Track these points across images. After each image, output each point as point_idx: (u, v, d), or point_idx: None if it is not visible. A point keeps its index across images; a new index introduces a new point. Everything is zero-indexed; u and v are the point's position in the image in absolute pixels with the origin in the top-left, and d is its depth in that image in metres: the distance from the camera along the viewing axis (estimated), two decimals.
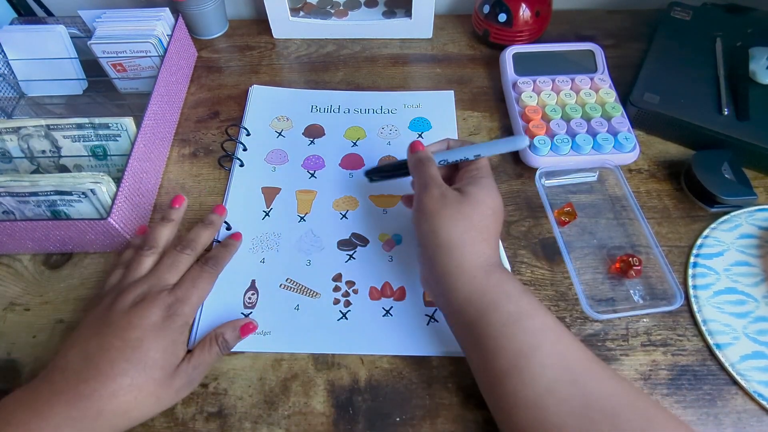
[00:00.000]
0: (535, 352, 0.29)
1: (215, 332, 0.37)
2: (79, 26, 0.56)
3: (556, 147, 0.47)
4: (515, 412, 0.29)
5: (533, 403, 0.28)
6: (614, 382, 0.29)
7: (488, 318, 0.31)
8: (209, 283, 0.38)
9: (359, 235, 0.45)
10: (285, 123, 0.53)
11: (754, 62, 0.49)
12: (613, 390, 0.29)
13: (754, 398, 0.35)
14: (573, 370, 0.29)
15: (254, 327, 0.38)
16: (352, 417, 0.36)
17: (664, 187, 0.47)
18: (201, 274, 0.37)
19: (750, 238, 0.43)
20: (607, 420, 0.28)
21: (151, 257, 0.37)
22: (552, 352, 0.30)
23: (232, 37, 0.63)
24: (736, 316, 0.39)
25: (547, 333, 0.30)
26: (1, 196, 0.40)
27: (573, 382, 0.29)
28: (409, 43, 0.61)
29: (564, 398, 0.28)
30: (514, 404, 0.29)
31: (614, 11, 0.64)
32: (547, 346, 0.30)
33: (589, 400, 0.28)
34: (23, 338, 0.40)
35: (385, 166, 0.44)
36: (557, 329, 0.31)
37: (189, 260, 0.38)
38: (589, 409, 0.28)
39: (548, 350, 0.30)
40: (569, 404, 0.28)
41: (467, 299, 0.32)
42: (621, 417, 0.28)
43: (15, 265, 0.44)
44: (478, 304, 0.32)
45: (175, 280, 0.36)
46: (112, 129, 0.45)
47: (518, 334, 0.30)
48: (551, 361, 0.29)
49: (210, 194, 0.48)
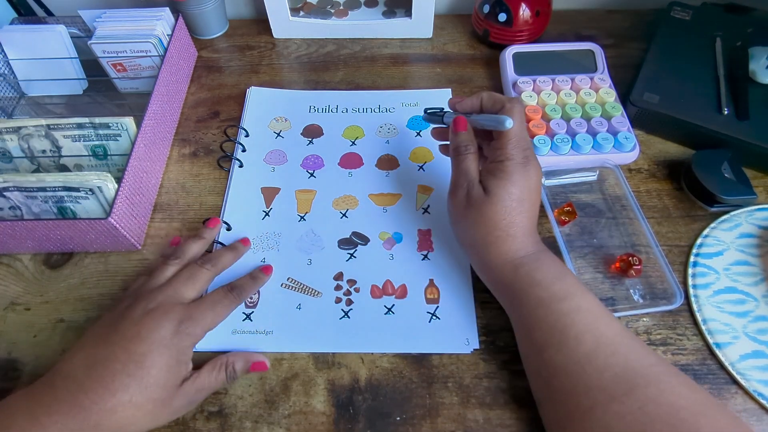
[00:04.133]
0: (569, 329, 0.31)
1: (227, 359, 0.36)
2: (79, 26, 0.56)
3: (556, 146, 0.47)
4: (556, 377, 0.31)
5: (573, 369, 0.30)
6: (656, 357, 0.30)
7: (519, 302, 0.34)
8: (228, 311, 0.37)
9: (360, 233, 0.45)
10: (283, 124, 0.53)
11: (753, 62, 0.49)
12: (656, 361, 0.30)
13: (753, 397, 0.35)
14: (612, 344, 0.30)
15: (266, 367, 0.37)
16: (353, 416, 0.36)
17: (664, 186, 0.47)
18: (222, 300, 0.37)
19: (750, 237, 0.43)
20: (652, 386, 0.28)
21: (174, 267, 0.37)
22: (586, 330, 0.31)
23: (232, 37, 0.63)
24: (736, 315, 0.39)
25: (580, 313, 0.32)
26: (9, 191, 0.40)
27: (612, 353, 0.30)
28: (409, 42, 0.61)
29: (603, 367, 0.29)
30: (554, 371, 0.31)
31: (614, 11, 0.64)
32: (581, 325, 0.31)
33: (631, 369, 0.29)
34: (23, 338, 0.40)
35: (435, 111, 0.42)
36: (594, 310, 0.32)
37: (207, 276, 0.38)
38: (633, 374, 0.29)
39: (582, 328, 0.31)
40: (610, 371, 0.29)
41: (499, 288, 0.36)
42: (668, 384, 0.28)
43: (15, 265, 0.44)
44: (509, 292, 0.35)
45: (192, 295, 0.36)
46: (113, 129, 0.45)
47: (550, 315, 0.32)
48: (586, 337, 0.31)
49: (210, 194, 0.48)
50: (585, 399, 0.29)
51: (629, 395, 0.28)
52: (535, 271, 0.34)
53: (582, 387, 0.29)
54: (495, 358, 0.38)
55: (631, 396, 0.28)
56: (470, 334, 0.39)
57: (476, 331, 0.39)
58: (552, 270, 0.34)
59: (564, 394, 0.30)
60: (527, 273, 0.34)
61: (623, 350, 0.30)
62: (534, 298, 0.33)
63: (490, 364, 0.38)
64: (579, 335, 0.31)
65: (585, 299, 0.33)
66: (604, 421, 0.28)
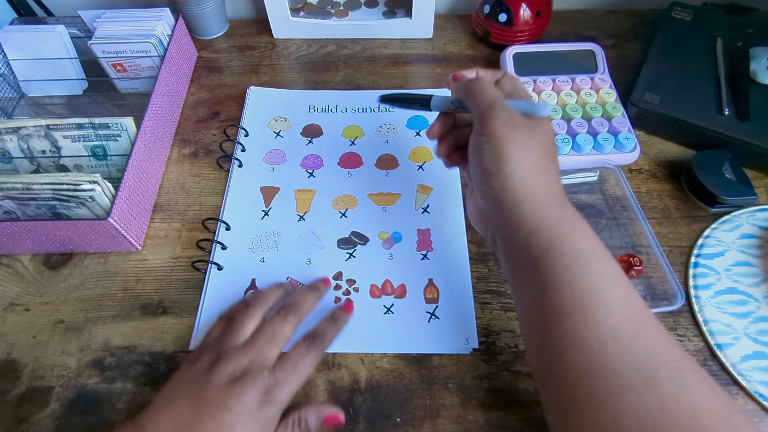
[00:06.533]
0: (602, 296, 0.27)
1: (299, 415, 0.33)
2: (79, 26, 0.56)
3: (557, 147, 0.47)
4: (570, 352, 0.27)
5: (593, 345, 0.26)
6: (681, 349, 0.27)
7: (557, 251, 0.29)
8: (312, 367, 0.34)
9: (359, 233, 0.45)
10: (283, 123, 0.53)
11: (754, 62, 0.49)
12: (681, 353, 0.27)
13: (755, 398, 0.35)
14: (639, 323, 0.27)
15: (341, 422, 0.34)
16: (353, 417, 0.36)
17: (664, 187, 0.47)
18: (306, 355, 0.34)
19: (751, 238, 0.43)
20: (675, 381, 0.25)
21: (256, 319, 0.35)
22: (619, 301, 0.27)
23: (232, 37, 0.63)
24: (737, 316, 0.39)
25: (617, 281, 0.28)
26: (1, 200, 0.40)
27: (638, 334, 0.26)
28: (409, 43, 0.61)
29: (626, 348, 0.26)
30: (570, 344, 0.27)
31: (614, 11, 0.64)
32: (615, 294, 0.28)
33: (655, 357, 0.26)
34: (23, 338, 0.40)
35: (402, 94, 0.40)
36: (627, 283, 0.29)
37: (291, 330, 0.35)
38: (656, 365, 0.25)
39: (616, 297, 0.27)
40: (631, 355, 0.26)
41: (538, 229, 0.30)
42: (692, 382, 0.25)
43: (15, 266, 0.44)
44: (549, 235, 0.29)
45: (276, 354, 0.34)
46: (112, 129, 0.45)
47: (587, 273, 0.28)
48: (618, 308, 0.27)
49: (210, 194, 0.48)
50: (600, 383, 0.26)
51: (648, 388, 0.25)
52: (578, 218, 0.30)
53: (598, 368, 0.26)
54: (495, 359, 0.37)
55: (650, 389, 0.25)
56: (469, 334, 0.39)
57: (475, 330, 0.39)
58: (589, 227, 0.30)
59: (576, 374, 0.27)
60: (573, 216, 0.30)
61: (651, 333, 0.27)
62: (575, 249, 0.29)
63: (490, 365, 0.37)
64: (611, 305, 0.27)
65: (619, 269, 0.29)
66: (615, 413, 0.25)
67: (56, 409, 0.36)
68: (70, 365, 0.38)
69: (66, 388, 0.37)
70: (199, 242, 0.44)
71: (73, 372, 0.38)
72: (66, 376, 0.38)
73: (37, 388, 0.37)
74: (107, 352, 0.39)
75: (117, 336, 0.40)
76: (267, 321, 0.35)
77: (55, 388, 0.37)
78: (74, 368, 0.38)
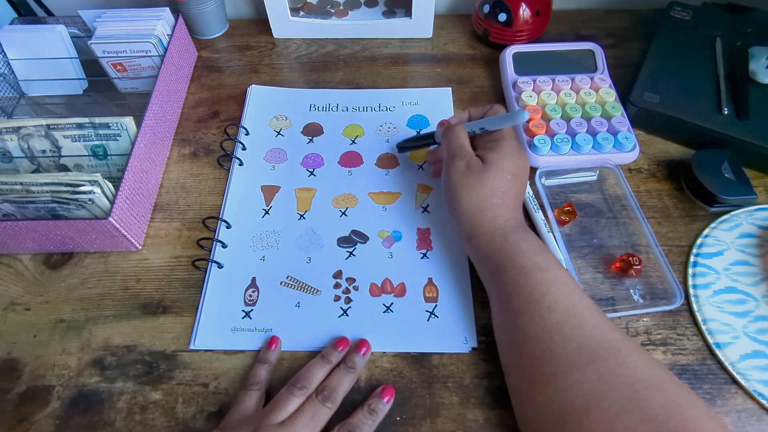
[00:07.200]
0: (544, 298, 0.33)
1: None
2: (79, 26, 0.56)
3: (556, 146, 0.47)
4: (525, 345, 0.33)
5: (542, 337, 0.32)
6: (621, 333, 0.32)
7: (503, 269, 0.35)
8: None
9: (359, 232, 0.45)
10: (284, 122, 0.53)
11: (753, 62, 0.49)
12: (620, 336, 0.31)
13: (753, 397, 0.35)
14: (580, 316, 0.32)
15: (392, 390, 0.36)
16: None
17: (664, 186, 0.47)
18: None
19: (750, 237, 0.43)
20: (612, 358, 0.30)
21: (299, 399, 0.35)
22: (560, 300, 0.33)
23: (232, 37, 0.63)
24: (736, 315, 0.39)
25: (557, 285, 0.34)
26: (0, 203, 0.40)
27: (580, 326, 0.32)
28: (409, 42, 0.62)
29: (569, 337, 0.31)
30: (525, 339, 0.33)
31: (614, 11, 0.64)
32: (556, 295, 0.33)
33: (596, 341, 0.31)
34: (23, 338, 0.40)
35: (413, 138, 0.48)
36: (569, 284, 0.34)
37: (328, 415, 0.34)
38: (596, 347, 0.30)
39: (556, 298, 0.33)
40: (575, 342, 0.31)
41: (487, 256, 0.37)
42: (627, 357, 0.30)
43: (15, 265, 0.44)
44: (496, 259, 0.36)
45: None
46: (113, 129, 0.46)
47: (529, 283, 0.34)
48: (559, 307, 0.32)
49: (210, 194, 0.48)
50: (549, 366, 0.31)
51: (590, 365, 0.30)
52: (521, 240, 0.36)
53: (548, 355, 0.31)
54: (495, 358, 0.37)
55: (591, 366, 0.30)
56: (468, 333, 0.39)
57: (474, 329, 0.39)
58: (535, 243, 0.36)
59: (531, 362, 0.32)
60: (515, 241, 0.36)
61: (591, 323, 0.32)
62: (518, 266, 0.35)
63: (490, 364, 0.38)
64: (553, 305, 0.32)
65: (562, 273, 0.35)
66: (563, 388, 0.30)
67: (57, 408, 0.37)
68: (70, 364, 0.38)
69: (66, 388, 0.37)
70: (199, 241, 0.44)
71: (74, 371, 0.38)
72: (66, 375, 0.38)
73: (37, 388, 0.37)
74: (108, 352, 0.39)
75: (117, 335, 0.40)
76: (306, 403, 0.34)
77: (56, 388, 0.37)
78: (75, 367, 0.38)
